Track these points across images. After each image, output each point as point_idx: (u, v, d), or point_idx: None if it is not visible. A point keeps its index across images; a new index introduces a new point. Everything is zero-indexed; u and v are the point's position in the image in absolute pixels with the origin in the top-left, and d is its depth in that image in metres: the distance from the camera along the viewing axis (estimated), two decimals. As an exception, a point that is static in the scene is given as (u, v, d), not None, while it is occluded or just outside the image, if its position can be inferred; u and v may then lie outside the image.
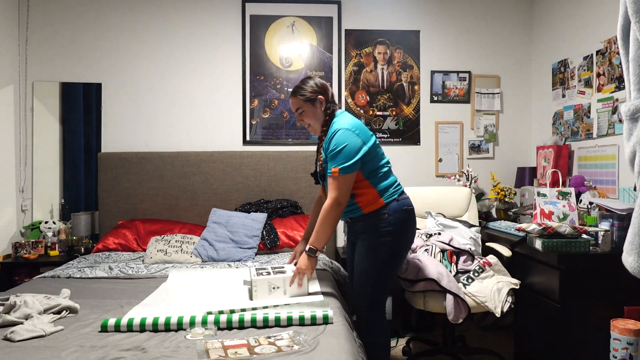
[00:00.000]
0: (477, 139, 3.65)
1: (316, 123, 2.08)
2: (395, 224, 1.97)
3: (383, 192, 2.00)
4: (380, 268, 2.00)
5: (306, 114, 2.07)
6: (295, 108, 2.08)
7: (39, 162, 3.36)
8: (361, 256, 2.03)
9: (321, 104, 2.06)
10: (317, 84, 2.07)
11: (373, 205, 1.99)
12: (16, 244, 3.09)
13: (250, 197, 3.35)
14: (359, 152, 1.93)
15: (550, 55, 3.43)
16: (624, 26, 0.97)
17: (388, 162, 2.09)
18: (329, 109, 2.06)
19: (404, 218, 2.01)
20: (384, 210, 1.98)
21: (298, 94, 2.06)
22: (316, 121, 2.07)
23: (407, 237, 2.06)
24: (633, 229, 0.94)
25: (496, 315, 2.32)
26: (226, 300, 1.91)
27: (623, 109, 0.95)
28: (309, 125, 2.11)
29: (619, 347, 1.97)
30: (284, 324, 1.64)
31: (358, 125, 2.00)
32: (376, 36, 3.58)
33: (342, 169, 1.90)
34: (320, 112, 2.06)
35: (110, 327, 1.60)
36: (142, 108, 3.47)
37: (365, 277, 2.01)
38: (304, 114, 2.07)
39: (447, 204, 3.06)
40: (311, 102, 2.05)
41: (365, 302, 2.02)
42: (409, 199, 2.07)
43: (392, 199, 2.00)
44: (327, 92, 2.08)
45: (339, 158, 1.91)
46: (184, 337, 1.53)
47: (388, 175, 2.05)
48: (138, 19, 3.46)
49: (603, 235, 2.23)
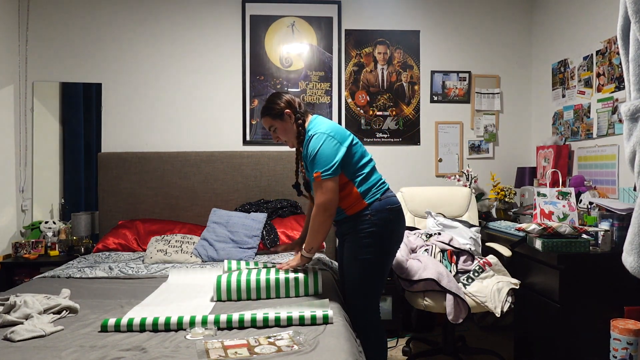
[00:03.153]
0: (477, 139, 3.65)
1: (290, 137, 2.09)
2: (378, 224, 1.95)
3: (366, 193, 1.98)
4: (367, 269, 1.97)
5: (279, 130, 2.08)
6: (268, 126, 2.11)
7: (39, 162, 3.36)
8: (347, 258, 2.02)
9: (290, 118, 2.06)
10: (283, 99, 2.08)
11: (356, 206, 1.98)
12: (16, 244, 3.10)
13: (250, 197, 3.35)
14: (338, 154, 1.93)
15: (550, 55, 3.43)
16: (624, 26, 0.97)
17: (371, 160, 2.08)
18: (298, 119, 2.06)
19: (388, 217, 1.98)
20: (366, 211, 1.97)
21: (266, 113, 2.08)
22: (289, 135, 2.08)
23: (393, 236, 2.03)
24: (633, 229, 0.94)
25: (496, 315, 2.32)
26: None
27: (623, 109, 0.95)
28: (285, 141, 2.13)
29: (619, 347, 1.97)
30: (284, 324, 1.64)
31: (333, 127, 2.00)
32: (376, 36, 3.58)
33: (324, 172, 1.90)
34: (291, 125, 2.07)
35: (110, 327, 1.60)
36: (142, 108, 3.47)
37: (354, 279, 2.00)
38: (277, 130, 2.09)
39: (447, 204, 3.06)
40: (280, 117, 2.05)
41: (357, 303, 2.01)
42: (394, 197, 2.05)
43: (374, 198, 1.98)
44: (293, 104, 2.08)
45: (318, 163, 1.92)
46: (184, 337, 1.53)
47: (371, 175, 2.04)
48: (138, 19, 3.46)
49: (603, 235, 2.23)
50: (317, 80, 3.55)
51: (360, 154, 2.03)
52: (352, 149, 2.00)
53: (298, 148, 2.09)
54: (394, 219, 2.00)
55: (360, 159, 2.02)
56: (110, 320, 1.62)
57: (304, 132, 2.04)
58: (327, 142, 1.93)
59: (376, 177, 2.05)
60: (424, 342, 2.95)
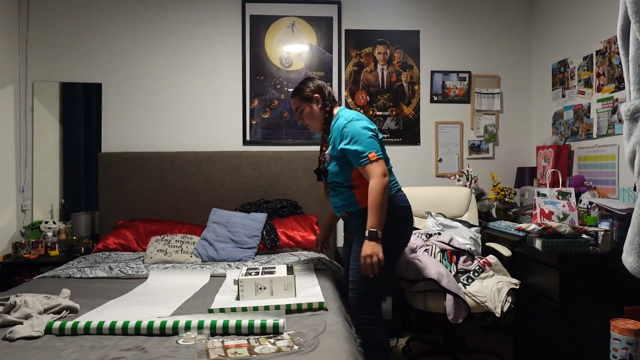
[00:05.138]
0: (477, 139, 3.66)
1: (315, 121, 2.15)
2: (391, 219, 1.95)
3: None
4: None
5: (305, 113, 2.15)
6: (295, 107, 2.19)
7: (39, 162, 3.36)
8: (356, 253, 2.01)
9: (318, 102, 2.12)
10: (314, 83, 2.16)
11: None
12: (16, 243, 3.10)
13: (250, 197, 3.35)
14: (376, 135, 2.01)
15: (550, 55, 3.43)
16: (624, 26, 0.97)
17: (389, 162, 2.12)
18: (326, 106, 2.13)
19: (400, 215, 2.03)
20: None
21: (296, 94, 2.17)
22: (314, 119, 2.15)
23: (403, 234, 2.07)
24: (633, 229, 0.94)
25: (496, 315, 2.32)
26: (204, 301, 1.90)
27: (623, 109, 0.95)
28: (308, 125, 2.19)
29: (619, 347, 1.97)
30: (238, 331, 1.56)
31: (364, 117, 2.07)
32: (376, 36, 3.58)
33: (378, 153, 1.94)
34: (317, 110, 2.13)
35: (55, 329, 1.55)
36: (142, 108, 3.47)
37: (360, 274, 1.97)
38: (303, 113, 2.16)
39: (447, 204, 3.06)
40: (308, 100, 2.13)
41: (361, 300, 2.01)
42: (405, 197, 2.11)
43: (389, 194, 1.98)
44: (324, 90, 2.15)
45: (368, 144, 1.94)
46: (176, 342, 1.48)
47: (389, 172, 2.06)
48: (138, 19, 3.46)
49: (603, 235, 2.23)
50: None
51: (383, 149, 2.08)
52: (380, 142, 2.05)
53: (323, 135, 2.14)
54: (405, 217, 2.07)
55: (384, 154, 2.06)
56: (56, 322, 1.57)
57: (330, 118, 2.11)
58: (365, 125, 1.99)
59: (392, 176, 2.09)
60: (424, 342, 2.95)
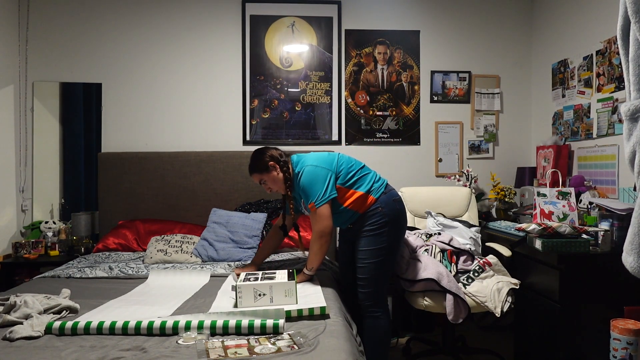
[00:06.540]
0: (477, 139, 3.65)
1: (279, 184, 2.22)
2: (390, 214, 2.14)
3: (369, 190, 2.16)
4: (383, 258, 2.13)
5: (268, 181, 2.22)
6: (258, 181, 2.26)
7: (39, 162, 3.36)
8: (364, 251, 2.15)
9: (275, 168, 2.19)
10: (267, 154, 2.21)
11: (366, 204, 2.15)
12: (16, 244, 3.09)
13: (250, 197, 3.35)
14: (327, 181, 2.09)
15: (550, 55, 3.43)
16: (624, 26, 0.97)
17: (360, 164, 2.24)
18: (283, 166, 2.20)
19: (396, 207, 2.19)
20: (376, 204, 2.15)
21: (255, 170, 2.23)
22: (278, 183, 2.21)
23: (401, 224, 2.22)
24: (633, 229, 0.94)
25: (496, 315, 2.32)
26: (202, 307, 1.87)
27: (623, 109, 0.95)
28: (276, 190, 2.26)
29: (618, 347, 1.97)
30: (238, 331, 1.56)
31: (316, 157, 2.18)
32: (376, 36, 3.58)
33: (317, 201, 2.07)
34: (277, 174, 2.20)
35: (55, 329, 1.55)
36: (142, 108, 3.47)
37: (370, 270, 2.13)
38: (266, 182, 2.23)
39: (447, 204, 3.06)
40: (267, 170, 2.19)
41: (372, 294, 2.14)
42: (394, 190, 2.26)
43: (380, 193, 2.17)
44: (275, 155, 2.21)
45: (310, 193, 2.09)
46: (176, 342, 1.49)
47: (367, 175, 2.20)
48: (138, 19, 3.46)
49: (603, 235, 2.23)
50: (317, 80, 3.55)
51: (348, 166, 2.19)
52: (339, 168, 2.16)
53: (287, 193, 2.22)
54: (401, 209, 2.22)
55: (350, 169, 2.18)
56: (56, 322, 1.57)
57: (291, 177, 2.20)
58: (315, 173, 2.10)
59: (372, 175, 2.23)
60: (424, 342, 2.95)
